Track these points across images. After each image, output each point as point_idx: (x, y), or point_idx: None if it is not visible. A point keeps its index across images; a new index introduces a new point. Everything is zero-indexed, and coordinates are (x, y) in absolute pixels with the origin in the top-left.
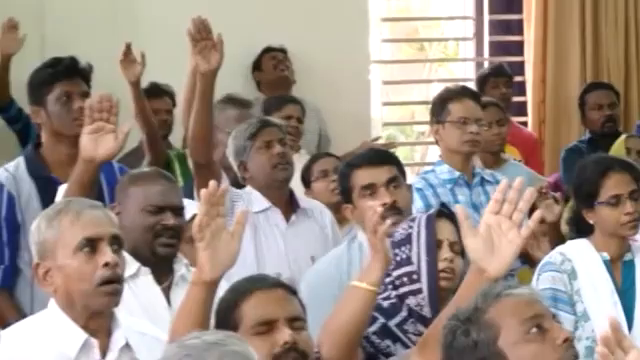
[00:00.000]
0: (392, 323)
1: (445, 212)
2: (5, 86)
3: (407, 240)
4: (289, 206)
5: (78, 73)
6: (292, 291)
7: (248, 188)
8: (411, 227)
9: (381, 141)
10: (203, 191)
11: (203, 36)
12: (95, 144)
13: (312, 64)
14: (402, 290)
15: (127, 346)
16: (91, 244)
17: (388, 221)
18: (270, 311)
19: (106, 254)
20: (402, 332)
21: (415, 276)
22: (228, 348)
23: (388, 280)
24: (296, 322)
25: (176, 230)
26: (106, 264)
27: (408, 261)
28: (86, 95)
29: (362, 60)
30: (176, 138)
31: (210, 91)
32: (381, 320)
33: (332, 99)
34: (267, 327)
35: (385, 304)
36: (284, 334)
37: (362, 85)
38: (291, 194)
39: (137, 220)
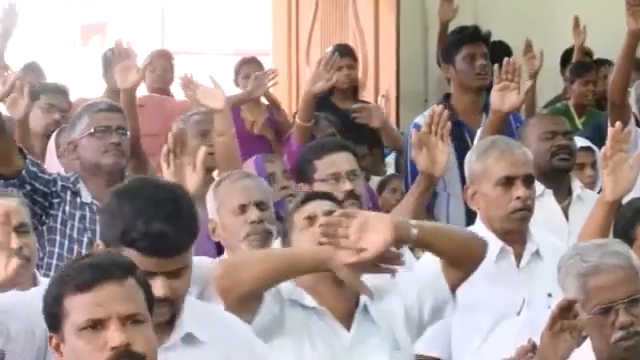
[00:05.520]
0: None
1: None
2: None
3: None
4: None
5: (480, 38)
6: None
7: None
8: None
9: None
10: (611, 129)
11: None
12: (502, 99)
13: None
14: None
15: (537, 253)
16: (508, 180)
17: None
18: None
19: (519, 189)
20: None
21: None
22: (610, 248)
23: None
24: None
25: (569, 148)
26: (518, 197)
27: None
28: (485, 56)
29: None
30: None
31: (634, 48)
32: None
33: None
34: None
35: None
36: None
37: None
38: None
39: (538, 147)
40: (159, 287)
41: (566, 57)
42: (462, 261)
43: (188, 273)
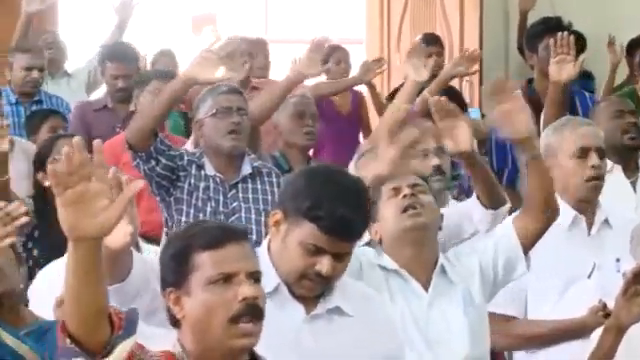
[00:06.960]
0: None
1: None
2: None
3: None
4: None
5: (561, 29)
6: None
7: None
8: None
9: None
10: None
11: None
12: (559, 70)
13: None
14: None
15: (606, 222)
16: (583, 151)
17: None
18: None
19: (593, 158)
20: None
21: None
22: None
23: None
24: None
25: (636, 125)
26: (592, 166)
27: None
28: None
29: None
30: None
31: None
32: None
33: None
34: None
35: None
36: None
37: None
38: None
39: (609, 126)
40: (325, 264)
41: (632, 45)
42: (544, 207)
43: (349, 259)
